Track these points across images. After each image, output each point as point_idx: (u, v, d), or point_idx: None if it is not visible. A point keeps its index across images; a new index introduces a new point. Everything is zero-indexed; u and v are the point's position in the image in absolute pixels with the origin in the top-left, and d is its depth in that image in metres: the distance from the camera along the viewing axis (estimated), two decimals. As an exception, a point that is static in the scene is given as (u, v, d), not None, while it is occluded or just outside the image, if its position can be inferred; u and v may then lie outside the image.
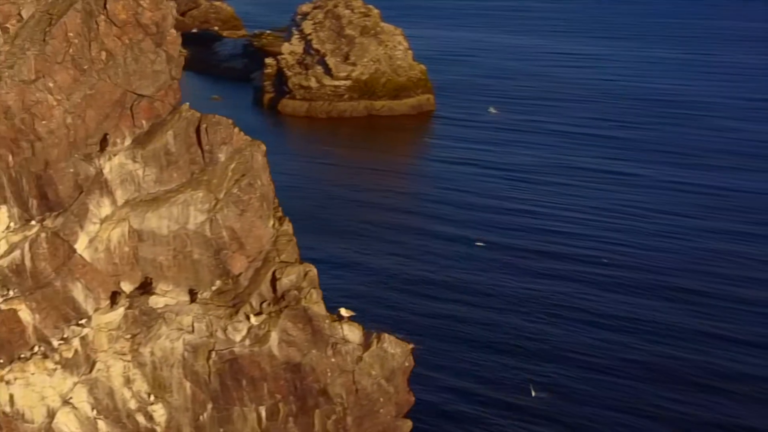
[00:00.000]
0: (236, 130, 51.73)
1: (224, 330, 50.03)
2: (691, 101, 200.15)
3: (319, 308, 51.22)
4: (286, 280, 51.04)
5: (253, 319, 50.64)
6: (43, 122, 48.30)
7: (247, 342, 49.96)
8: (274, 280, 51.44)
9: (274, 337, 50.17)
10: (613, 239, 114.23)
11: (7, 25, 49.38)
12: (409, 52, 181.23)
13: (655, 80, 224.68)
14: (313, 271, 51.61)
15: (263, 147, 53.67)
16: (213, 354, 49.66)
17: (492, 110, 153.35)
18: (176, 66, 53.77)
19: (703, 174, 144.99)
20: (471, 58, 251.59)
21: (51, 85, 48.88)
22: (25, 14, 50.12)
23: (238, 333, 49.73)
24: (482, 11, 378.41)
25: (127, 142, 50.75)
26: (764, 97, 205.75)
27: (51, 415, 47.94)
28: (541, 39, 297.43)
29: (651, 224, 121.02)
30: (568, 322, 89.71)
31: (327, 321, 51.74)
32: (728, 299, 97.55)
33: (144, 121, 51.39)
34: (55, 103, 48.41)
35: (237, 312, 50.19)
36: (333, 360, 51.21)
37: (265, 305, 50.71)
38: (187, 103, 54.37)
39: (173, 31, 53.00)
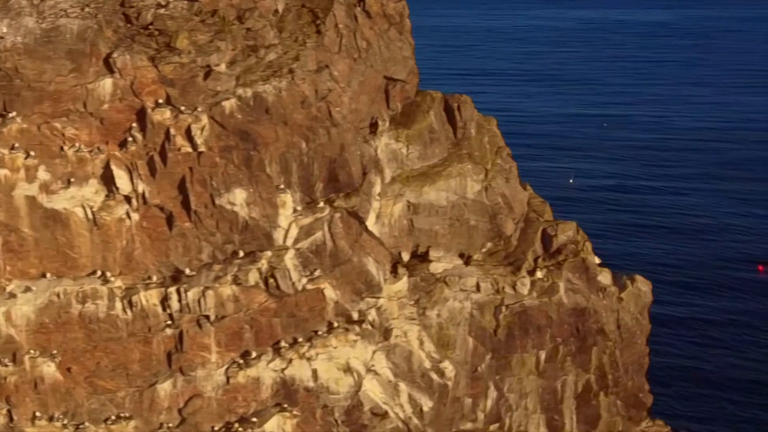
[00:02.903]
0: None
1: (512, 286, 40.92)
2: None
3: (592, 258, 42.82)
4: (563, 236, 42.45)
5: (539, 273, 41.48)
6: (337, 109, 38.28)
7: (535, 294, 41.23)
8: (545, 237, 42.91)
9: (561, 287, 41.59)
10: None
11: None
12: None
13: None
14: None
15: (495, 120, 44.52)
16: (503, 308, 40.85)
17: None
18: (413, 52, 43.31)
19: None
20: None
21: (335, 74, 38.86)
22: (280, 8, 40.29)
23: (525, 287, 41.15)
24: None
25: (387, 123, 41.43)
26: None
27: (357, 383, 38.45)
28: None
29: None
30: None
31: (598, 269, 43.07)
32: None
33: (399, 104, 41.78)
34: (340, 91, 38.90)
35: (519, 269, 41.29)
36: (605, 302, 42.73)
37: (540, 260, 42.26)
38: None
39: (408, 21, 43.46)
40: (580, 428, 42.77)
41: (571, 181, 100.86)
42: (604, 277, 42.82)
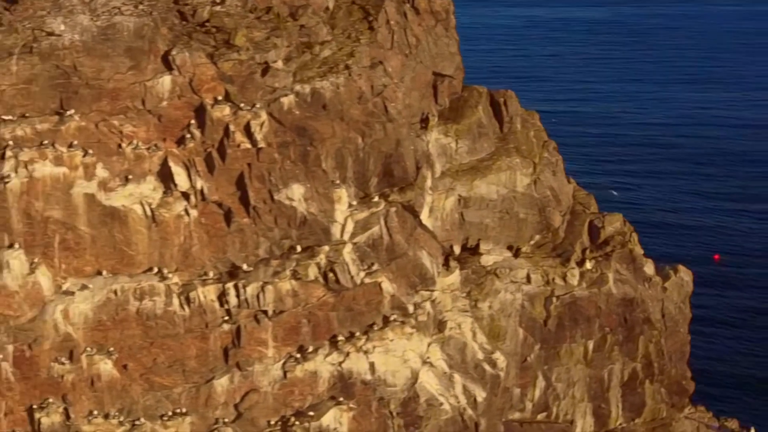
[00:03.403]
0: None
1: (562, 277, 40.33)
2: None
3: (639, 249, 42.52)
4: (610, 228, 41.92)
5: (588, 264, 40.87)
6: (392, 104, 37.49)
7: (584, 285, 40.71)
8: (591, 229, 42.35)
9: (611, 277, 41.14)
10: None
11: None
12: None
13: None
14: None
15: (538, 115, 44.17)
16: (554, 299, 40.26)
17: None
18: (458, 47, 42.67)
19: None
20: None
21: (389, 69, 37.95)
22: (330, 5, 39.62)
23: (575, 278, 40.67)
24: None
25: (436, 118, 40.55)
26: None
27: (414, 375, 37.59)
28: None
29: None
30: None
31: (644, 259, 42.68)
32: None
33: (446, 99, 41.04)
34: (395, 87, 38.19)
35: (568, 260, 40.76)
36: (650, 291, 42.29)
37: (587, 252, 41.83)
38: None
39: (453, 17, 42.72)
40: (625, 416, 42.23)
41: (614, 193, 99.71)
42: (648, 268, 42.35)
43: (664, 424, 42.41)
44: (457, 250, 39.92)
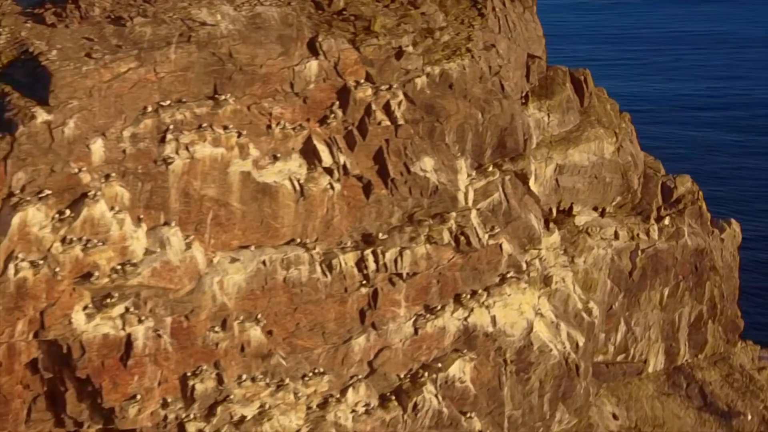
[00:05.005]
0: None
1: (645, 232, 43.88)
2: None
3: (704, 205, 46.65)
4: (682, 188, 45.79)
5: (666, 221, 44.61)
6: (507, 83, 39.98)
7: (663, 239, 44.41)
8: (664, 189, 46.08)
9: (686, 231, 44.97)
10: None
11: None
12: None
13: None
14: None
15: (605, 89, 47.37)
16: (639, 253, 43.80)
17: None
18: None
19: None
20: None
21: (500, 51, 40.01)
22: None
23: (656, 233, 44.45)
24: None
25: (530, 95, 43.02)
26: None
27: (530, 325, 40.53)
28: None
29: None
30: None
31: (708, 214, 46.39)
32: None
33: (536, 78, 43.51)
34: (507, 67, 41.00)
35: (648, 218, 44.43)
36: (714, 242, 46.60)
37: (662, 210, 45.76)
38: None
39: (535, 5, 45.72)
40: (690, 352, 46.06)
41: None
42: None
43: (723, 357, 47.36)
44: (553, 212, 43.70)
